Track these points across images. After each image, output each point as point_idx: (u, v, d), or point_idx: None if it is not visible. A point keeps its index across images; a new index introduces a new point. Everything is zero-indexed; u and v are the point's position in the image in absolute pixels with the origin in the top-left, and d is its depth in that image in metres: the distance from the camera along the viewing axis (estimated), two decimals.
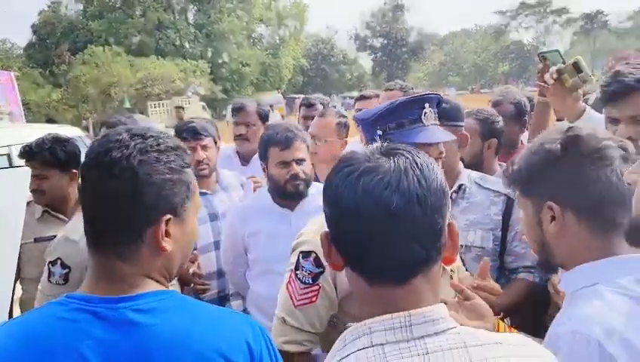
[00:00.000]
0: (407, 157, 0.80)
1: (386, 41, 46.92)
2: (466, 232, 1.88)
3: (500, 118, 2.21)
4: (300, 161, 2.13)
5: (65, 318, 0.87)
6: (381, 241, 0.78)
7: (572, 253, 1.14)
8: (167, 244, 0.92)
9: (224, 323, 0.94)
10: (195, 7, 36.11)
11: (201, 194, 2.45)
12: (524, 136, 2.56)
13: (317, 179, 2.49)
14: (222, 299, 2.46)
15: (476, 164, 2.13)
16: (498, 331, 1.35)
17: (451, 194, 1.63)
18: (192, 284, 2.21)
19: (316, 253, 1.49)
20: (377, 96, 3.14)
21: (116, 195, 0.89)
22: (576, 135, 1.15)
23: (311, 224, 1.61)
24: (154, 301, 0.91)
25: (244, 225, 2.20)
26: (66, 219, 2.28)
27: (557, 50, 1.95)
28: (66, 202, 2.35)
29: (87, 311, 0.87)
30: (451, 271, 1.62)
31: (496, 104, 2.48)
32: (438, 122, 1.54)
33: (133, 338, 0.87)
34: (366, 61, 47.71)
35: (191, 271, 2.16)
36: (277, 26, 38.00)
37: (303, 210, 2.14)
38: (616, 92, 1.55)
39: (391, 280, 0.79)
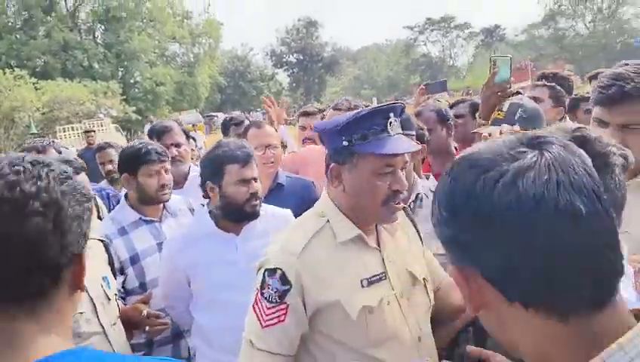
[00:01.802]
0: (560, 145, 0.64)
1: (301, 57, 47.46)
2: (429, 241, 1.88)
3: (425, 127, 2.33)
4: (255, 180, 2.04)
5: None
6: (575, 257, 0.60)
7: None
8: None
9: None
10: (103, 27, 34.66)
11: (149, 222, 2.36)
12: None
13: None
14: (175, 337, 2.31)
15: None
16: None
17: (410, 203, 1.65)
18: (147, 328, 1.98)
19: (282, 270, 1.44)
20: (321, 111, 3.20)
21: (36, 235, 0.75)
22: (584, 136, 1.07)
23: (273, 244, 1.58)
24: None
25: (185, 256, 2.07)
26: None
27: (509, 58, 2.11)
28: None
29: None
30: (424, 279, 1.66)
31: (418, 115, 2.62)
32: (402, 131, 1.51)
33: None
34: (283, 77, 48.02)
35: (144, 313, 1.95)
36: (191, 43, 37.27)
37: (249, 234, 2.10)
38: (613, 97, 1.48)
39: (593, 306, 0.62)
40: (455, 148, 2.66)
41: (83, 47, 32.29)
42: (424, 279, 1.64)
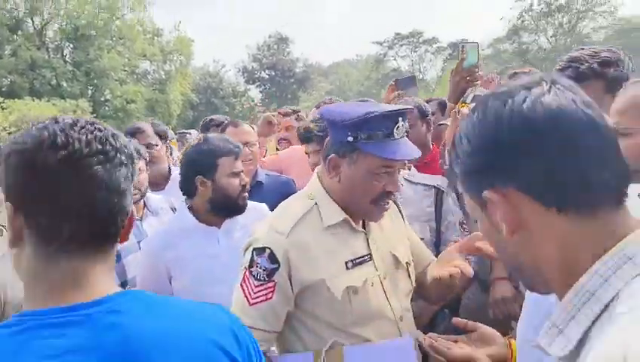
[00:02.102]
0: (562, 82, 0.75)
1: (273, 73, 47.61)
2: (410, 224, 1.95)
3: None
4: (242, 173, 2.09)
5: (19, 338, 0.76)
6: (601, 158, 0.71)
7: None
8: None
9: (205, 313, 0.92)
10: (72, 45, 34.20)
11: None
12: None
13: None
14: None
15: None
16: (511, 350, 1.39)
17: None
18: None
19: (271, 249, 1.49)
20: (295, 112, 3.27)
21: (123, 183, 0.86)
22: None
23: (261, 224, 1.63)
24: (125, 301, 0.84)
25: (166, 251, 2.07)
26: None
27: (477, 44, 2.22)
28: None
29: (55, 325, 0.77)
30: (407, 263, 1.72)
31: None
32: (406, 134, 1.54)
33: (119, 342, 0.79)
34: (255, 93, 48.05)
35: None
36: (162, 61, 37.04)
37: (230, 227, 2.14)
38: (568, 78, 1.63)
39: (616, 203, 0.72)
40: (432, 143, 2.77)
41: (51, 66, 31.77)
42: (407, 263, 1.70)
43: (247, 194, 2.08)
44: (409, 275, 1.71)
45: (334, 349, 1.52)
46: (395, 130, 1.49)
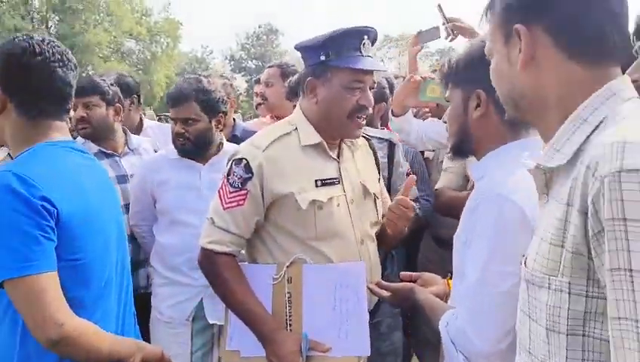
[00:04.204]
0: None
1: (260, 64, 47.46)
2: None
3: (386, 86, 2.61)
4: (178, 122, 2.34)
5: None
6: (615, 17, 0.87)
7: (487, 136, 1.31)
8: None
9: None
10: (58, 17, 33.64)
11: (108, 155, 2.49)
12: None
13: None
14: (134, 266, 2.40)
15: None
16: (449, 288, 1.56)
17: (341, 143, 1.84)
18: None
19: (247, 160, 1.65)
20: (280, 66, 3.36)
21: (70, 80, 1.44)
22: None
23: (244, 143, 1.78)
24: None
25: (154, 174, 2.29)
26: None
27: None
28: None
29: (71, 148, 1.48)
30: (375, 194, 1.87)
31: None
32: (371, 55, 1.70)
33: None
34: (241, 82, 47.84)
35: None
36: (149, 41, 36.64)
37: (213, 168, 2.30)
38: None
39: (617, 59, 0.89)
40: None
41: None
42: (375, 195, 1.87)
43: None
44: (376, 207, 1.87)
45: (296, 264, 1.68)
46: (361, 47, 1.64)
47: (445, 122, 1.44)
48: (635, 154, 0.72)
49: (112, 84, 2.55)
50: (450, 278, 1.60)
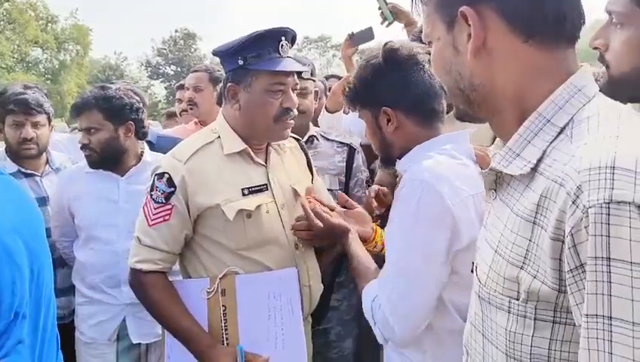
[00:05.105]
0: None
1: (179, 69, 46.30)
2: (320, 176, 2.08)
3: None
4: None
5: None
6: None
7: (407, 142, 1.34)
8: None
9: None
10: None
11: (28, 175, 2.31)
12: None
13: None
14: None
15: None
16: (375, 233, 1.65)
17: (268, 148, 1.79)
18: None
19: (169, 174, 1.58)
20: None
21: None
22: (392, 47, 1.33)
23: (165, 155, 1.72)
24: None
25: (70, 188, 2.17)
26: None
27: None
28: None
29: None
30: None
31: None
32: (291, 56, 1.66)
33: None
34: (159, 89, 46.42)
35: None
36: (56, 49, 34.70)
37: (133, 180, 2.19)
38: None
39: (571, 42, 0.79)
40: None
41: None
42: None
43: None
44: None
45: (229, 276, 1.63)
46: (280, 49, 1.61)
47: None
48: (627, 184, 0.60)
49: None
50: (379, 226, 1.65)
